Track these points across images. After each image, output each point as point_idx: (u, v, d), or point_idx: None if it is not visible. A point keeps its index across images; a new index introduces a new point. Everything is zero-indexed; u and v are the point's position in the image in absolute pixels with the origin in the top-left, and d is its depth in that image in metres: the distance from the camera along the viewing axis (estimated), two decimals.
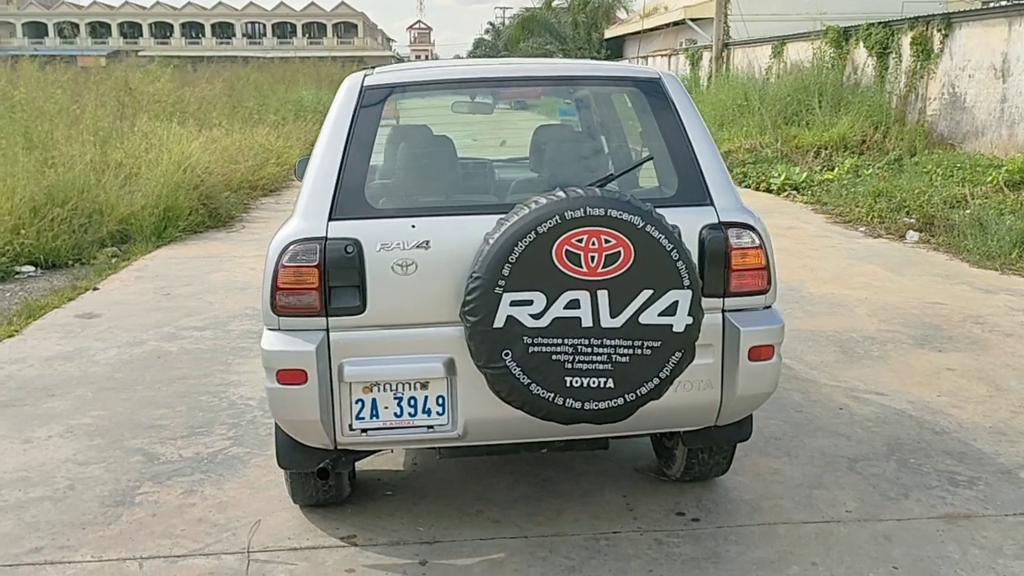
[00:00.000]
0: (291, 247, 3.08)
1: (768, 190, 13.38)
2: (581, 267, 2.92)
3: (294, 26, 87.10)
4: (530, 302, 2.93)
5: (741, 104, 18.24)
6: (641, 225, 2.91)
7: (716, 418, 3.35)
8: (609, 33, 42.49)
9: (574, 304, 2.94)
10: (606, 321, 2.96)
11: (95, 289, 7.77)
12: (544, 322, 2.94)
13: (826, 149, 14.70)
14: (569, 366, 2.97)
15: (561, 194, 2.95)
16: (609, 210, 2.91)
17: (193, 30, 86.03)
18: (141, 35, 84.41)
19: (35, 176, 9.41)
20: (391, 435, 3.20)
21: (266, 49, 79.38)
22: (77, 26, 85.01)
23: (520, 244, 2.90)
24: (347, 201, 3.15)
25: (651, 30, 35.88)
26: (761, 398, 3.37)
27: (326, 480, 3.43)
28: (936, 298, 7.20)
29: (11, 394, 5.19)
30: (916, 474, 4.08)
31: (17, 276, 8.40)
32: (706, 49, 26.35)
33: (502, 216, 2.99)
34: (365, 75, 3.45)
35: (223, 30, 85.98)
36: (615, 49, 41.95)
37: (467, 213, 3.18)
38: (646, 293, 2.95)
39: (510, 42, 46.89)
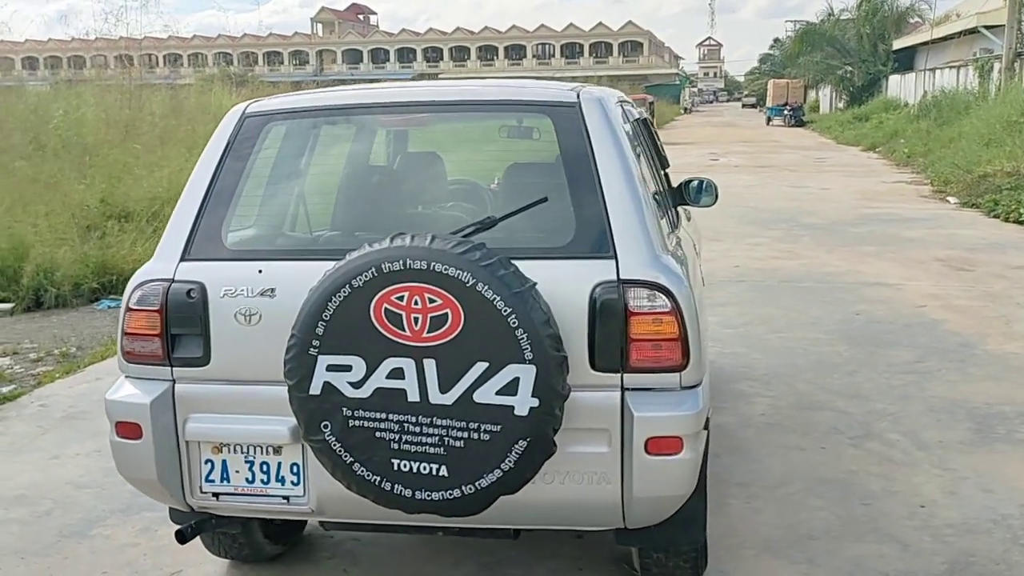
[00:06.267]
0: (138, 289, 2.85)
1: (1018, 221, 11.50)
2: (403, 330, 2.44)
3: (582, 46, 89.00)
4: (349, 367, 2.49)
5: (1016, 120, 15.97)
6: (471, 283, 2.38)
7: (623, 519, 2.71)
8: (898, 44, 39.20)
9: (398, 373, 2.47)
10: (435, 396, 2.46)
11: None
12: (365, 392, 2.49)
13: None
14: (395, 447, 2.50)
15: (386, 243, 2.49)
16: (433, 263, 2.40)
17: (488, 52, 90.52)
18: (442, 59, 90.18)
19: None
20: (244, 502, 2.87)
21: (554, 69, 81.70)
22: (388, 52, 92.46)
23: (334, 299, 2.47)
24: (202, 241, 2.87)
25: (941, 40, 32.65)
26: (669, 502, 2.68)
27: (183, 543, 3.14)
28: None
29: (83, 407, 5.42)
30: None
31: None
32: (998, 59, 23.46)
33: (334, 264, 2.57)
34: (249, 103, 3.15)
35: (515, 52, 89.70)
36: (905, 61, 38.59)
37: (319, 258, 2.76)
38: (481, 366, 2.42)
39: (788, 57, 44.70)
